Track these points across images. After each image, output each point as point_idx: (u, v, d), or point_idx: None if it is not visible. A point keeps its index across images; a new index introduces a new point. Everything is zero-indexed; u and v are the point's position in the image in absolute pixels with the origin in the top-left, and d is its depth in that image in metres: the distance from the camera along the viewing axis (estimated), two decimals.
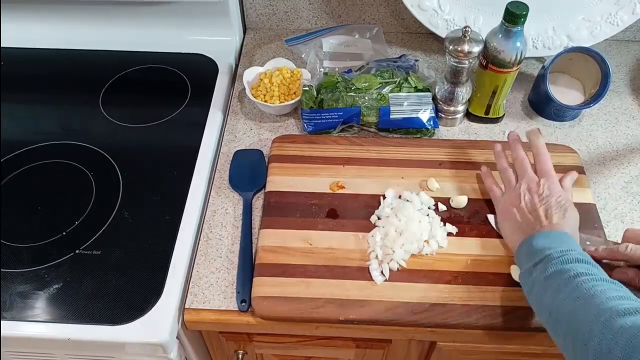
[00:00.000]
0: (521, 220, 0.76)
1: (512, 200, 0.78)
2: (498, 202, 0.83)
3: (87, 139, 0.97)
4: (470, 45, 0.88)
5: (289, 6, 1.15)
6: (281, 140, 0.94)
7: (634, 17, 1.00)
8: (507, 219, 0.79)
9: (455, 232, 0.82)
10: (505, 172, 0.84)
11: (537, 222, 0.74)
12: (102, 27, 1.12)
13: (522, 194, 0.78)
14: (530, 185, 0.78)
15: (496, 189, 0.84)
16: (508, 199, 0.80)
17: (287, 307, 0.74)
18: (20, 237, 0.84)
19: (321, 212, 0.84)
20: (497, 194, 0.83)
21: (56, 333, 0.75)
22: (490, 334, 0.76)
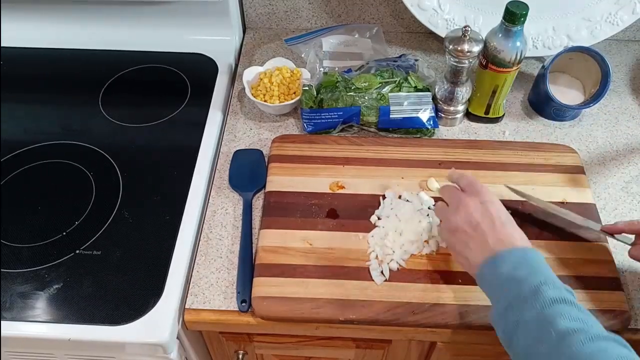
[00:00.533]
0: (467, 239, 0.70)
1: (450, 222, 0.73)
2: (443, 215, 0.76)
3: (87, 139, 0.97)
4: (470, 45, 0.88)
5: (289, 6, 1.15)
6: (281, 140, 0.94)
7: (634, 16, 1.00)
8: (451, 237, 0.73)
9: None
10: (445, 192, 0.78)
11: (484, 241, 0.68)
12: (102, 27, 1.12)
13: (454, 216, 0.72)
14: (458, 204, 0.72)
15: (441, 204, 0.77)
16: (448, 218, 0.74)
17: (287, 307, 0.74)
18: (20, 237, 0.84)
19: (321, 212, 0.84)
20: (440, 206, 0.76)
21: (56, 333, 0.75)
22: (490, 334, 0.75)
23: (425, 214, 0.83)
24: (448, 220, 0.73)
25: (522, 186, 0.87)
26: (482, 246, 0.68)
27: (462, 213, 0.71)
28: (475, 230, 0.69)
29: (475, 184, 0.74)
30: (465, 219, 0.70)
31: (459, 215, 0.71)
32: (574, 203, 0.86)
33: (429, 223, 0.82)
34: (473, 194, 0.72)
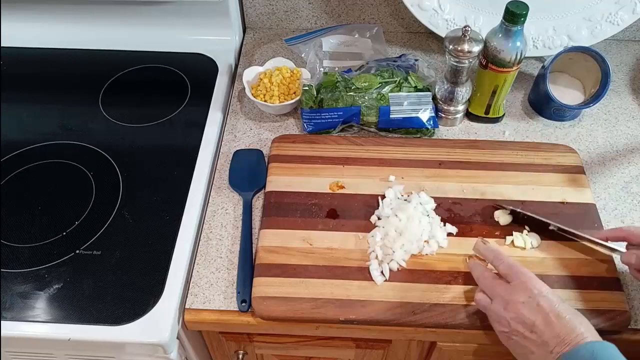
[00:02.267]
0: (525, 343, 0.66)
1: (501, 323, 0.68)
2: (489, 312, 0.71)
3: (87, 139, 0.97)
4: (470, 45, 0.88)
5: (289, 6, 1.15)
6: (281, 140, 0.94)
7: (634, 16, 1.00)
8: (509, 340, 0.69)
9: (455, 232, 0.82)
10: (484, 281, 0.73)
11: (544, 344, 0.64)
12: (102, 27, 1.12)
13: (503, 316, 0.68)
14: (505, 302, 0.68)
15: (482, 297, 0.72)
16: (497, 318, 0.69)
17: (287, 307, 0.74)
18: (20, 237, 0.84)
19: (321, 212, 0.84)
20: (483, 302, 0.72)
21: (56, 333, 0.75)
22: (490, 334, 0.75)
23: (425, 214, 0.83)
24: (498, 320, 0.68)
25: (523, 186, 0.87)
26: (543, 348, 0.63)
27: (512, 313, 0.66)
28: (532, 332, 0.64)
29: (518, 272, 0.69)
30: (517, 319, 0.66)
31: (509, 314, 0.66)
32: (573, 203, 0.86)
33: (429, 223, 0.82)
34: (519, 288, 0.67)
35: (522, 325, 0.65)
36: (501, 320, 0.68)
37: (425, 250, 0.79)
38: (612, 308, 0.74)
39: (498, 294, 0.69)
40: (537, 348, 0.64)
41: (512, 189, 0.87)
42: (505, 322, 0.67)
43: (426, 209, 0.84)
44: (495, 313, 0.69)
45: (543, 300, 0.65)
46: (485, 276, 0.72)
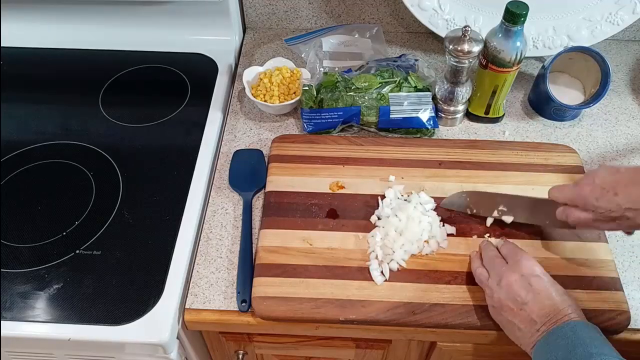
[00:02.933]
0: (514, 319, 0.68)
1: (493, 298, 0.71)
2: (484, 286, 0.74)
3: (87, 139, 0.97)
4: (470, 45, 0.88)
5: (289, 6, 1.15)
6: (281, 140, 0.94)
7: (634, 16, 1.00)
8: (498, 315, 0.72)
9: (455, 232, 0.82)
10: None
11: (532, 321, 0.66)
12: (102, 27, 1.12)
13: (496, 291, 0.71)
14: (499, 277, 0.71)
15: (482, 272, 0.75)
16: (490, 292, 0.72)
17: (287, 307, 0.74)
18: (20, 237, 0.84)
19: (321, 212, 0.84)
20: (481, 276, 0.74)
21: (56, 333, 0.75)
22: (490, 334, 0.76)
23: (425, 214, 0.83)
24: (491, 295, 0.71)
25: (523, 186, 0.87)
26: (530, 326, 0.66)
27: (505, 289, 0.69)
28: (522, 309, 0.67)
29: (516, 253, 0.72)
30: (509, 296, 0.68)
31: (502, 291, 0.69)
32: None
33: (429, 223, 0.82)
34: (514, 266, 0.70)
35: (512, 302, 0.68)
36: (493, 295, 0.71)
37: (425, 250, 0.80)
38: (612, 308, 0.74)
39: (495, 270, 0.72)
40: (524, 325, 0.67)
41: (512, 189, 0.87)
42: (497, 298, 0.70)
43: (426, 209, 0.84)
44: (490, 287, 0.72)
45: (535, 279, 0.68)
46: (488, 252, 0.75)
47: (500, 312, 0.70)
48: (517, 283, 0.69)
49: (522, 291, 0.68)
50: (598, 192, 0.68)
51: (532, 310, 0.66)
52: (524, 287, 0.68)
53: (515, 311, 0.68)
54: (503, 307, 0.69)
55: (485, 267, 0.74)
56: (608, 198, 0.67)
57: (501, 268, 0.71)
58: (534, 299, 0.67)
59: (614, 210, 0.67)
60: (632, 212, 0.66)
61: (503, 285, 0.69)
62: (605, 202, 0.67)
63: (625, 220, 0.68)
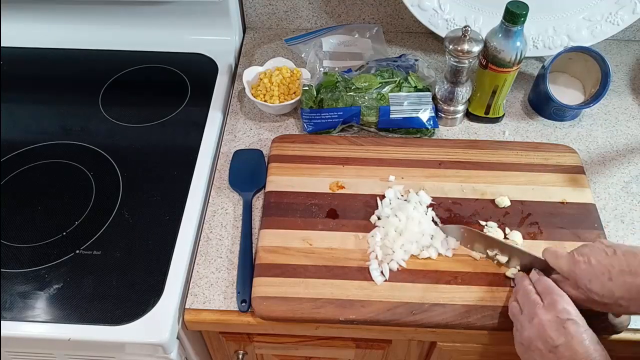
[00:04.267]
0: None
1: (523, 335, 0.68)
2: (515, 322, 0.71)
3: (87, 139, 0.97)
4: (470, 45, 0.88)
5: (289, 6, 1.15)
6: (281, 140, 0.94)
7: (634, 16, 1.00)
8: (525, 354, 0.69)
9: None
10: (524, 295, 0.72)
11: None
12: (102, 27, 1.12)
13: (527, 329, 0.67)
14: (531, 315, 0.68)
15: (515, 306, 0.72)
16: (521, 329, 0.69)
17: (287, 307, 0.74)
18: (20, 237, 0.84)
19: (321, 212, 0.84)
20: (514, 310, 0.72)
21: (56, 333, 0.75)
22: (490, 334, 0.76)
23: (425, 214, 0.83)
24: (521, 331, 0.68)
25: (523, 186, 0.87)
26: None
27: (536, 327, 0.66)
28: (552, 352, 0.64)
29: (552, 292, 0.68)
30: (540, 336, 0.65)
31: (534, 329, 0.66)
32: (573, 203, 0.86)
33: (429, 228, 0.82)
34: (550, 307, 0.66)
35: (542, 343, 0.65)
36: (524, 332, 0.67)
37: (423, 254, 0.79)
38: None
39: (528, 306, 0.68)
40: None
41: (512, 189, 0.87)
42: (527, 336, 0.67)
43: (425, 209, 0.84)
44: (521, 324, 0.68)
45: (570, 323, 0.64)
46: (524, 287, 0.71)
47: (527, 350, 0.67)
48: (550, 324, 0.65)
49: (555, 333, 0.64)
50: (592, 272, 0.66)
51: (563, 355, 0.63)
52: (557, 330, 0.64)
53: (544, 353, 0.64)
54: (532, 346, 0.66)
55: (519, 301, 0.71)
56: (602, 282, 0.65)
57: (535, 306, 0.67)
58: (567, 344, 0.63)
59: (606, 297, 0.65)
60: (625, 301, 0.64)
61: (535, 324, 0.66)
62: (599, 286, 0.65)
63: (616, 307, 0.66)
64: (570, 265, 0.68)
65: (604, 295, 0.65)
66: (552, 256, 0.71)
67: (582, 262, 0.67)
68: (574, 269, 0.67)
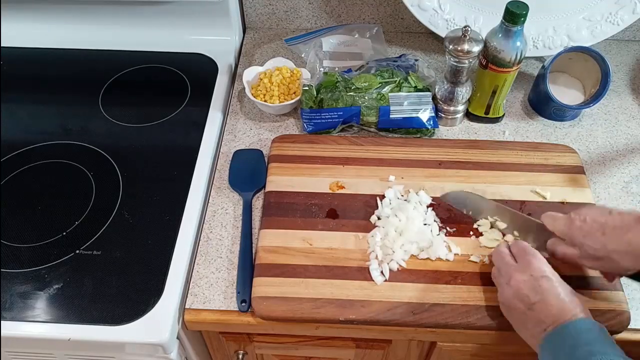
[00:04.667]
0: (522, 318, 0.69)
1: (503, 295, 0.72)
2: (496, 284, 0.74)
3: (87, 139, 0.97)
4: (470, 45, 0.88)
5: (289, 6, 1.15)
6: (281, 140, 0.94)
7: (634, 16, 1.00)
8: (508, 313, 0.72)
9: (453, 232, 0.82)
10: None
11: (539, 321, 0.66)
12: (102, 27, 1.12)
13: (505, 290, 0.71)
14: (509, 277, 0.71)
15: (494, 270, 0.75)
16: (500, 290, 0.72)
17: (287, 308, 0.74)
18: (20, 237, 0.84)
19: (321, 212, 0.84)
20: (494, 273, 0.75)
21: (56, 333, 0.75)
22: (490, 334, 0.76)
23: (425, 213, 0.83)
24: (501, 292, 0.72)
25: (523, 186, 0.87)
26: (538, 325, 0.66)
27: (513, 288, 0.69)
28: (530, 309, 0.67)
29: (526, 253, 0.72)
30: (517, 296, 0.69)
31: (511, 290, 0.69)
32: (573, 203, 0.85)
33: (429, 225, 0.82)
34: (524, 267, 0.70)
35: (521, 302, 0.68)
36: (503, 293, 0.71)
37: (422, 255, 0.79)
38: (612, 308, 0.74)
39: (505, 269, 0.72)
40: (532, 324, 0.67)
41: (512, 189, 0.87)
42: (507, 296, 0.70)
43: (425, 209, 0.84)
44: (500, 286, 0.72)
45: (544, 280, 0.68)
46: (499, 251, 0.75)
47: (509, 310, 0.70)
48: (525, 283, 0.68)
49: (530, 292, 0.68)
50: (586, 229, 0.69)
51: (540, 310, 0.66)
52: (532, 288, 0.68)
53: (523, 310, 0.68)
54: (511, 305, 0.69)
55: (495, 265, 0.75)
56: (595, 237, 0.68)
57: (510, 267, 0.71)
58: (542, 300, 0.67)
59: (599, 250, 0.67)
60: (617, 254, 0.67)
61: (512, 285, 0.69)
62: (592, 240, 0.68)
63: (609, 262, 0.68)
64: (566, 225, 0.71)
65: (598, 249, 0.68)
66: (550, 219, 0.74)
67: (577, 220, 0.70)
68: (570, 227, 0.70)
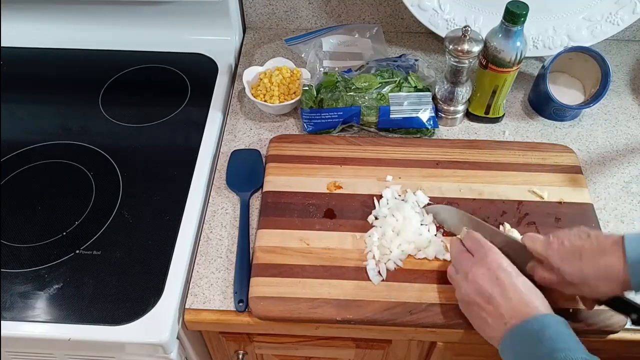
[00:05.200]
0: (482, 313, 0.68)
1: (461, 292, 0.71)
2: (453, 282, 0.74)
3: (87, 139, 0.97)
4: (470, 45, 0.88)
5: (289, 6, 1.15)
6: (279, 140, 0.94)
7: (634, 16, 0.99)
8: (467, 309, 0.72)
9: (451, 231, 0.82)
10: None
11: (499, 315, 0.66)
12: (102, 27, 1.12)
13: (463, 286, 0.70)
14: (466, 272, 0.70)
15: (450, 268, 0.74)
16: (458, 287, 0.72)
17: (284, 307, 0.74)
18: (20, 237, 0.84)
19: (318, 212, 0.84)
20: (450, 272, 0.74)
21: (56, 333, 0.75)
22: None
23: (422, 214, 0.83)
24: (459, 289, 0.71)
25: (520, 186, 0.87)
26: (498, 320, 0.66)
27: (471, 283, 0.69)
28: (489, 303, 0.67)
29: (481, 246, 0.71)
30: (476, 291, 0.68)
31: (469, 285, 0.69)
32: (571, 203, 0.85)
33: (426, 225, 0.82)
34: (481, 261, 0.69)
35: (480, 297, 0.68)
36: (461, 290, 0.70)
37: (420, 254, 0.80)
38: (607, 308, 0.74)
39: (461, 265, 0.71)
40: (492, 319, 0.66)
41: (509, 188, 0.87)
42: (465, 292, 0.69)
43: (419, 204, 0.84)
44: (458, 283, 0.71)
45: (502, 273, 0.67)
46: (454, 249, 0.74)
47: (468, 306, 0.70)
48: (483, 277, 0.68)
49: (488, 285, 0.67)
50: (563, 253, 0.67)
51: (499, 304, 0.66)
52: (490, 281, 0.67)
53: (482, 305, 0.67)
54: (471, 301, 0.69)
55: (453, 263, 0.74)
56: (571, 261, 0.66)
57: (467, 263, 0.70)
58: (501, 293, 0.66)
59: (575, 275, 0.66)
60: (593, 279, 0.65)
61: (470, 280, 0.69)
62: (569, 265, 0.66)
63: (586, 287, 0.66)
64: (544, 247, 0.69)
65: (574, 275, 0.66)
66: (530, 240, 0.72)
67: (555, 243, 0.68)
68: (548, 250, 0.69)
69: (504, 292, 0.66)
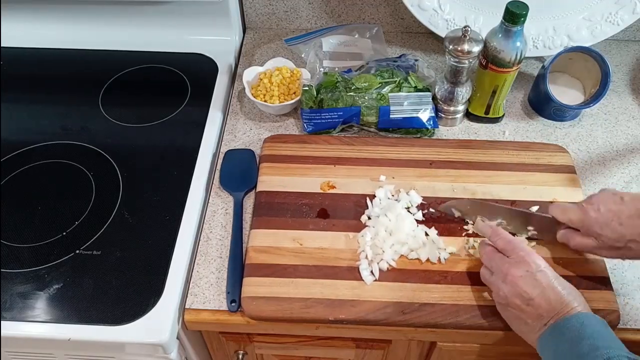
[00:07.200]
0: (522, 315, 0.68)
1: (499, 295, 0.71)
2: (489, 285, 0.74)
3: (87, 139, 0.97)
4: (470, 45, 0.88)
5: (289, 6, 1.15)
6: (273, 140, 0.94)
7: (634, 16, 0.99)
8: (505, 311, 0.72)
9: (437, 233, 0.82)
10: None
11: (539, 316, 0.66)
12: (102, 27, 1.12)
13: (501, 288, 0.70)
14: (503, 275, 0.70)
15: (484, 271, 0.74)
16: (496, 290, 0.72)
17: (277, 307, 0.74)
18: (20, 237, 0.84)
19: (312, 212, 0.84)
20: (484, 274, 0.74)
21: (56, 333, 0.75)
22: (491, 334, 0.76)
23: (415, 214, 0.83)
24: (497, 292, 0.71)
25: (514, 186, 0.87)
26: (538, 321, 0.66)
27: (510, 286, 0.68)
28: (529, 305, 0.67)
29: (516, 248, 0.71)
30: (515, 293, 0.68)
31: (508, 287, 0.69)
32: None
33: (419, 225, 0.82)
34: (518, 262, 0.69)
35: (519, 299, 0.68)
36: (499, 293, 0.70)
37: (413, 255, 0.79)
38: (601, 307, 0.74)
39: (497, 267, 0.71)
40: (532, 320, 0.67)
41: (503, 188, 0.87)
42: (504, 295, 0.69)
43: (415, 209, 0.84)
44: (495, 285, 0.71)
45: (540, 274, 0.68)
46: (486, 251, 0.74)
47: (507, 308, 0.70)
48: (522, 279, 0.68)
49: (528, 287, 0.67)
50: (602, 220, 0.68)
51: (539, 305, 0.66)
52: (529, 283, 0.67)
53: (522, 307, 0.67)
54: (510, 303, 0.69)
55: (486, 265, 0.74)
56: (612, 227, 0.67)
57: (504, 264, 0.70)
58: (541, 294, 0.66)
59: (618, 240, 0.67)
60: (635, 243, 0.67)
61: (508, 282, 0.69)
62: (610, 231, 0.68)
63: (627, 251, 0.68)
64: (579, 215, 0.70)
65: (616, 240, 0.68)
66: (560, 211, 0.73)
67: (592, 210, 0.69)
68: (584, 218, 0.70)
69: (543, 293, 0.66)
